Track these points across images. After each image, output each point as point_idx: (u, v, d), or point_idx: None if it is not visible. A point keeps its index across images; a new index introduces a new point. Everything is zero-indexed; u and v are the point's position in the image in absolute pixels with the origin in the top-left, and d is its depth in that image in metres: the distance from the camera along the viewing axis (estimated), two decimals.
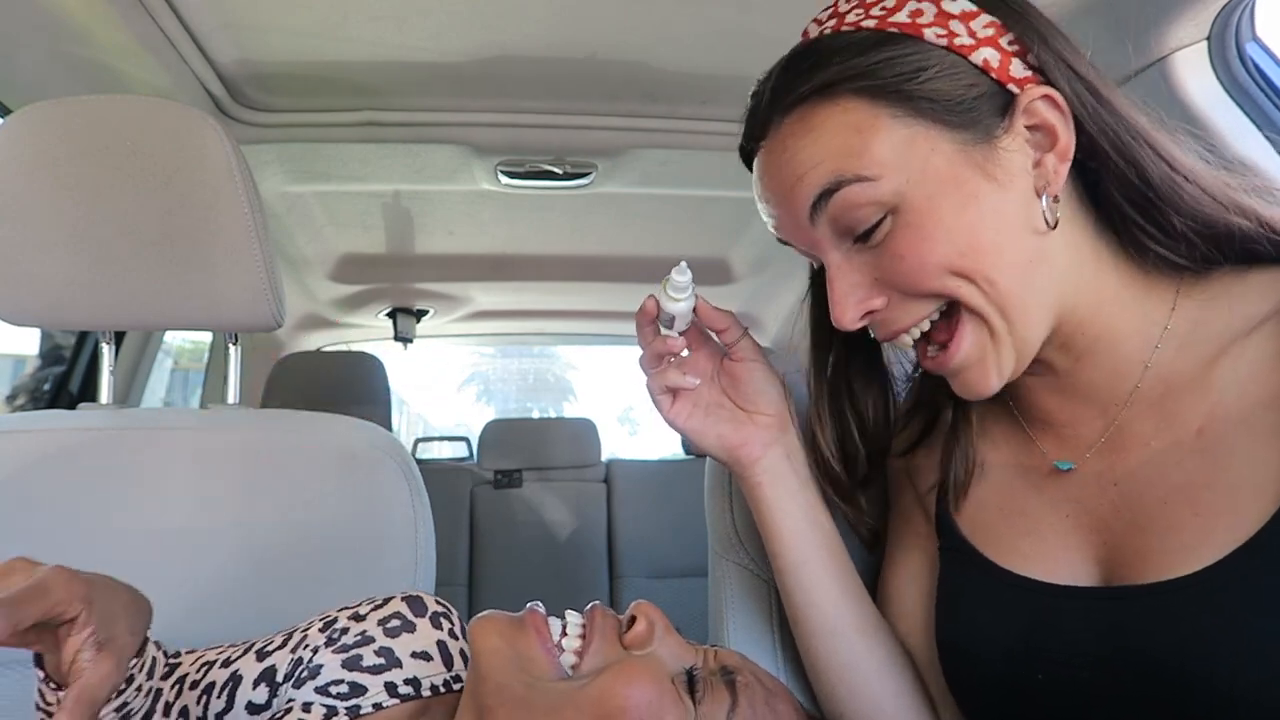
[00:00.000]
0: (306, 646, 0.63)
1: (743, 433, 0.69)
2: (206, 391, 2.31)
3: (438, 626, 0.65)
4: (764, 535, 0.71)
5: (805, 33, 0.60)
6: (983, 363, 0.57)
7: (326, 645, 0.63)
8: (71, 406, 1.05)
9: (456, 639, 0.66)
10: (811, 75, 0.55)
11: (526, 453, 2.69)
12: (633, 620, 0.56)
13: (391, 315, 2.49)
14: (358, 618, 0.65)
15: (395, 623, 0.64)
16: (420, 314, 2.52)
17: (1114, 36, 0.66)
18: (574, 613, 0.57)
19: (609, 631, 0.55)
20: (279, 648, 0.64)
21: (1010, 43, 0.54)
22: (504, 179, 1.51)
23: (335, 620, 0.65)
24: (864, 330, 0.68)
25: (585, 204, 1.73)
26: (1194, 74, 0.87)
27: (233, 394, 0.93)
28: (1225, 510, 0.51)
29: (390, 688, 0.61)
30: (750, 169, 0.63)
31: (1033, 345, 0.57)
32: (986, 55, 0.54)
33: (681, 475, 2.61)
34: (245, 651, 0.65)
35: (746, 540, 0.83)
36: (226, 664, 0.64)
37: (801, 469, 0.70)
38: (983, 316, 0.55)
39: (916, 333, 0.58)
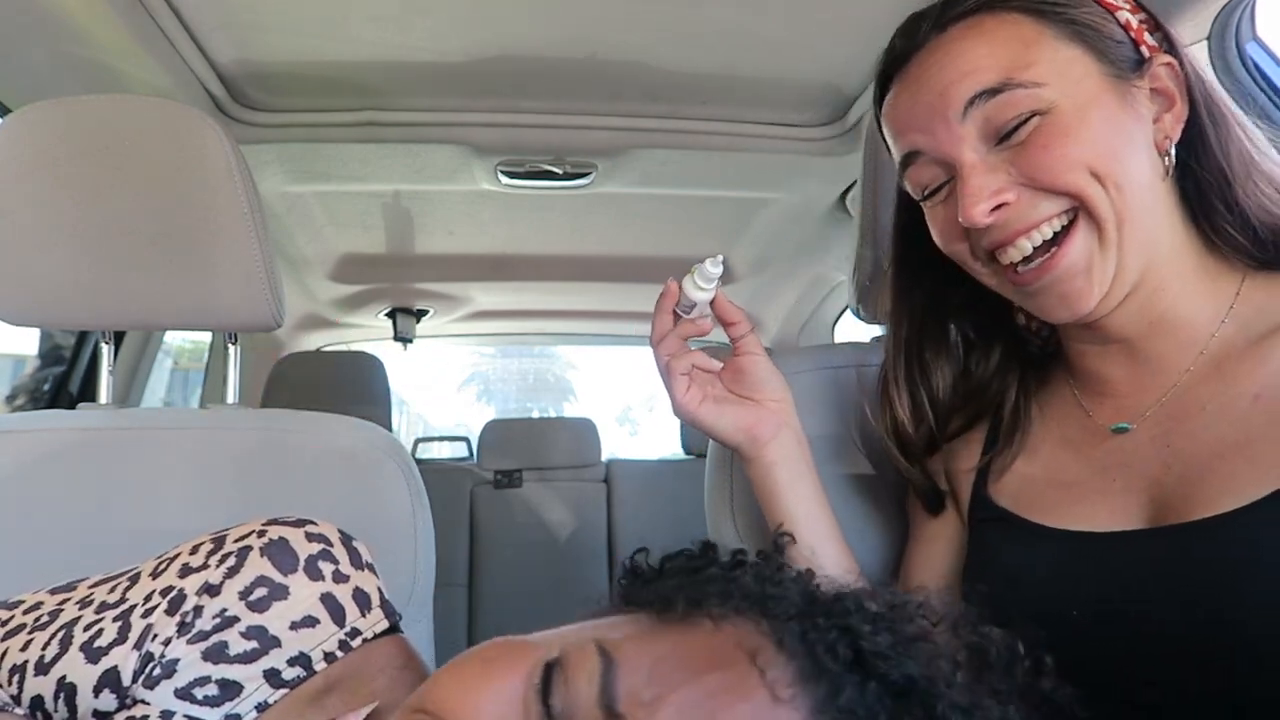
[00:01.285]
0: (154, 638, 0.50)
1: (755, 414, 0.71)
2: (206, 391, 2.31)
3: (316, 576, 0.52)
4: (773, 520, 0.72)
5: None
6: (1088, 272, 0.59)
7: (179, 634, 0.50)
8: (71, 406, 1.05)
9: (345, 580, 0.53)
10: None
11: (526, 453, 2.68)
12: None
13: (391, 315, 2.49)
14: (210, 590, 0.50)
15: (261, 591, 0.50)
16: (420, 314, 2.52)
17: None
18: None
19: None
20: (116, 642, 0.50)
21: (1142, 21, 0.61)
22: (504, 179, 1.51)
23: (183, 596, 0.50)
24: (940, 306, 0.71)
25: (585, 204, 1.72)
26: None
27: (232, 394, 0.92)
28: (1275, 458, 0.53)
29: (272, 676, 0.50)
30: (885, 85, 0.66)
31: (1128, 274, 0.59)
32: (1128, 17, 0.61)
33: (681, 475, 2.61)
34: (62, 646, 0.50)
35: (747, 540, 0.83)
36: (44, 669, 0.50)
37: (808, 455, 0.73)
38: (1101, 224, 0.58)
39: (1038, 238, 0.60)
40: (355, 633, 0.53)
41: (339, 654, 0.52)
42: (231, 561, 0.51)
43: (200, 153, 0.80)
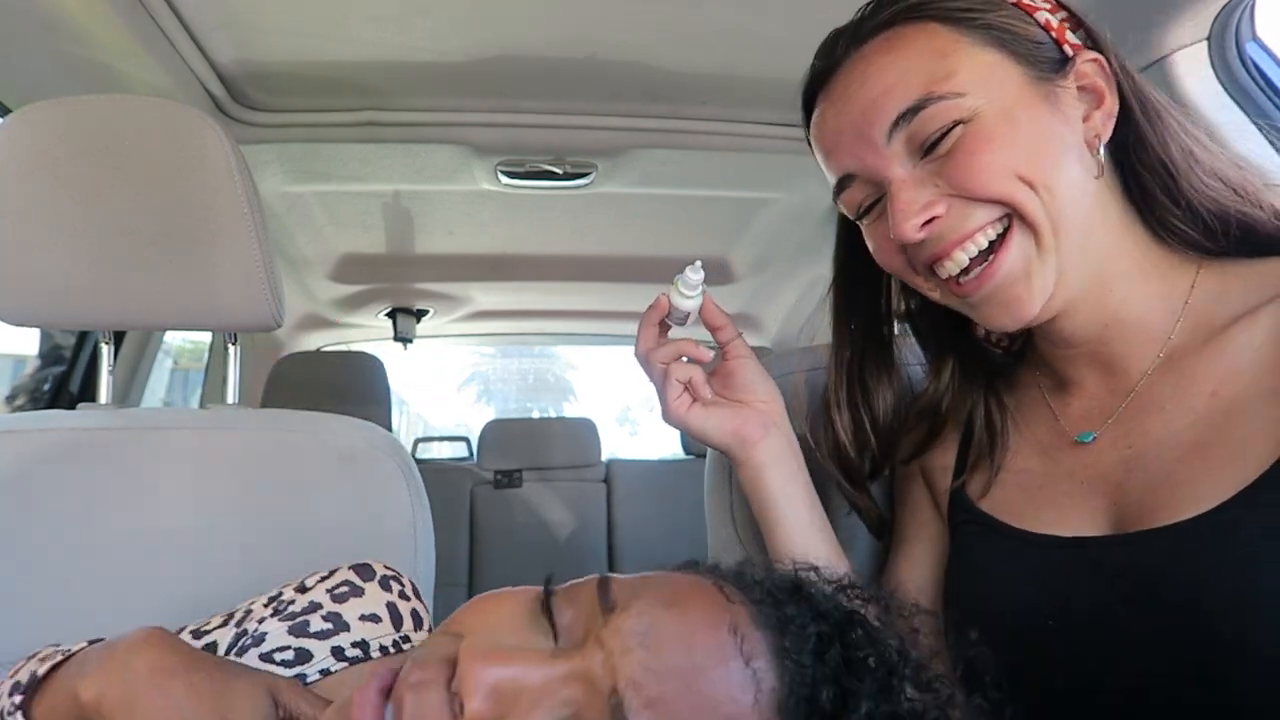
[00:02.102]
0: (249, 617, 0.61)
1: (742, 416, 0.71)
2: (206, 391, 2.31)
3: (386, 589, 0.63)
4: (766, 523, 0.72)
5: None
6: (1027, 278, 0.59)
7: (272, 615, 0.61)
8: (71, 406, 1.05)
9: (407, 600, 0.64)
10: (899, 1, 0.60)
11: (526, 453, 2.68)
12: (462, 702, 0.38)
13: (391, 315, 2.49)
14: (304, 589, 0.63)
15: (343, 589, 0.62)
16: (420, 314, 2.52)
17: (1114, 36, 0.68)
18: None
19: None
20: (219, 626, 0.61)
21: (1063, 19, 0.61)
22: (504, 179, 1.51)
23: (281, 594, 0.63)
24: (880, 328, 0.72)
25: (585, 204, 1.72)
26: (1194, 74, 0.88)
27: (232, 394, 0.92)
28: (1233, 460, 0.53)
29: (337, 652, 0.59)
30: (809, 107, 0.66)
31: (1071, 277, 0.59)
32: (1047, 17, 0.60)
33: (681, 475, 2.61)
34: (178, 632, 0.60)
35: (746, 540, 0.83)
36: None
37: (799, 456, 0.72)
38: (1036, 229, 0.57)
39: (973, 249, 0.59)
40: (406, 639, 0.62)
41: (391, 650, 0.60)
42: (324, 573, 0.64)
43: (200, 153, 0.80)
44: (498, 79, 1.26)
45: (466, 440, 3.11)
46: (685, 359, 0.71)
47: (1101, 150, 0.58)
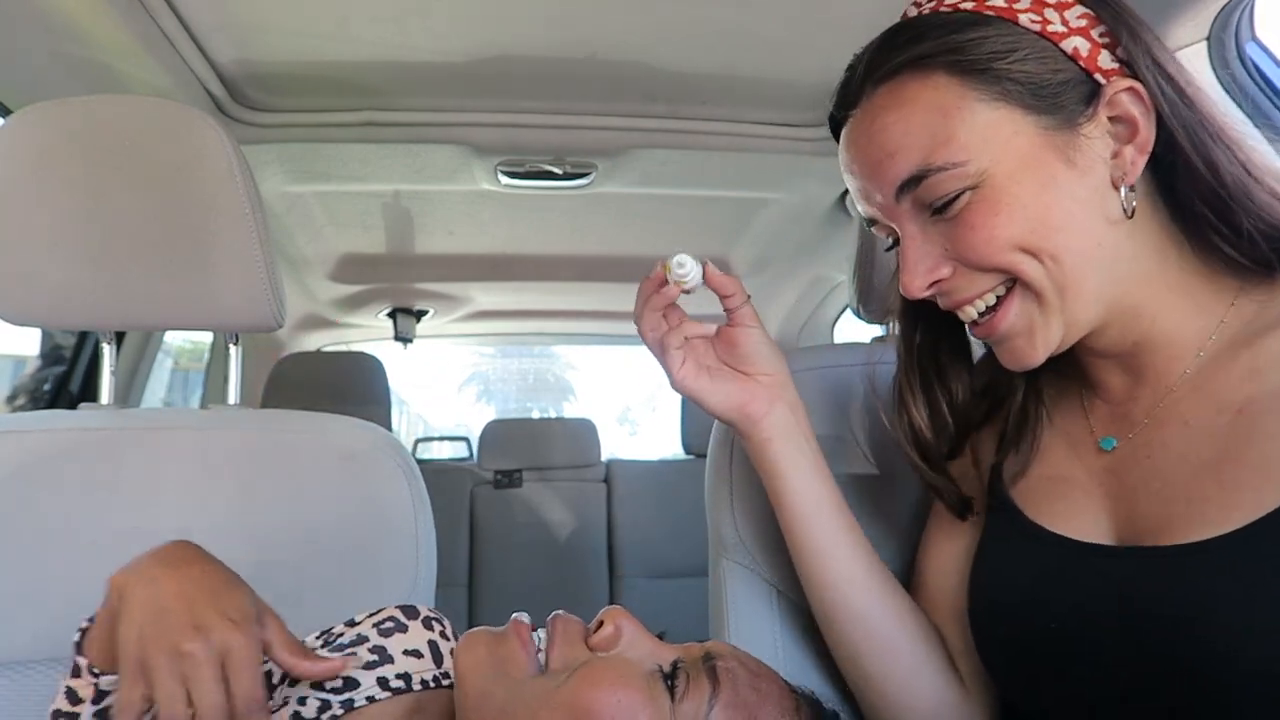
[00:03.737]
0: None
1: (748, 390, 0.70)
2: (207, 391, 2.31)
3: (429, 629, 0.68)
4: (775, 493, 0.71)
5: (905, 13, 0.62)
6: (1030, 333, 0.59)
7: (323, 647, 0.65)
8: (72, 406, 1.05)
9: (447, 640, 0.69)
10: (907, 48, 0.57)
11: (526, 453, 2.68)
12: (600, 625, 0.58)
13: (391, 315, 2.49)
14: (352, 624, 0.68)
15: (389, 624, 0.67)
16: (420, 314, 2.52)
17: None
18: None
19: (571, 634, 0.58)
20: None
21: (1101, 35, 0.56)
22: (504, 179, 1.51)
23: (331, 629, 0.68)
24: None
25: (585, 204, 1.72)
26: (1194, 74, 0.87)
27: (233, 394, 0.92)
28: (1251, 484, 0.52)
29: (382, 682, 0.63)
30: (837, 139, 0.65)
31: (1082, 326, 0.59)
32: (1077, 44, 0.55)
33: (681, 475, 2.61)
34: None
35: (747, 540, 0.83)
36: None
37: (805, 425, 0.72)
38: (1039, 292, 0.57)
39: (981, 305, 0.60)
40: (446, 675, 0.66)
41: (431, 685, 0.65)
42: (372, 610, 0.69)
43: (201, 153, 0.80)
44: (498, 79, 1.26)
45: (466, 440, 3.12)
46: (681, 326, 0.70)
47: (1123, 192, 0.56)
